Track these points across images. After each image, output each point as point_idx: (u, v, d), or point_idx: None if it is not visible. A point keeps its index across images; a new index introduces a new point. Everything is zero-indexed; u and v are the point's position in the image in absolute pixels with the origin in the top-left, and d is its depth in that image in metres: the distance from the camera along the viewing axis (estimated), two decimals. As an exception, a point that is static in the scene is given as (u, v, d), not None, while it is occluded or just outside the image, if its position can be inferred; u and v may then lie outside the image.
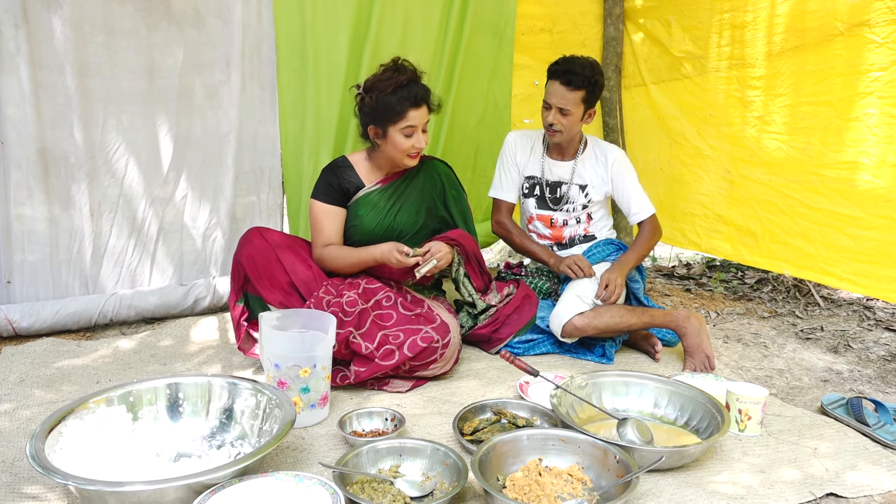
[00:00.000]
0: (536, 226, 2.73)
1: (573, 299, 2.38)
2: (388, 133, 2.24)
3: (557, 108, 2.49)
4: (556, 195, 2.67)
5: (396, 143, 2.25)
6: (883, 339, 2.76)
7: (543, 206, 2.69)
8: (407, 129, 2.22)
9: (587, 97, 2.49)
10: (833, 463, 1.74)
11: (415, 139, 2.24)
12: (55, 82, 2.48)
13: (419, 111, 2.22)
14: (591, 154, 2.64)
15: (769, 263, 2.99)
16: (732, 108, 3.02)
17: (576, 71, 2.45)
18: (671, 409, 1.93)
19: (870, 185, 2.51)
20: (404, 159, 2.28)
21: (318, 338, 1.90)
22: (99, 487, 1.36)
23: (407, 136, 2.23)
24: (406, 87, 2.21)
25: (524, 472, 1.59)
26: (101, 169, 2.62)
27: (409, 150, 2.25)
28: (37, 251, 2.55)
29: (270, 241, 2.25)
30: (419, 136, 2.25)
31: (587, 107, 2.52)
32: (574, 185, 2.64)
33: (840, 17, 2.54)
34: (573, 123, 2.51)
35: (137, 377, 2.15)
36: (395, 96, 2.19)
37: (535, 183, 2.70)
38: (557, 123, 2.50)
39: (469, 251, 2.36)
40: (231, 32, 2.73)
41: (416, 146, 2.25)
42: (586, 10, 3.53)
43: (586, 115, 2.54)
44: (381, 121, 2.24)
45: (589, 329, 2.33)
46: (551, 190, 2.67)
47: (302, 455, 1.73)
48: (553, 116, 2.50)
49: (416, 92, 2.21)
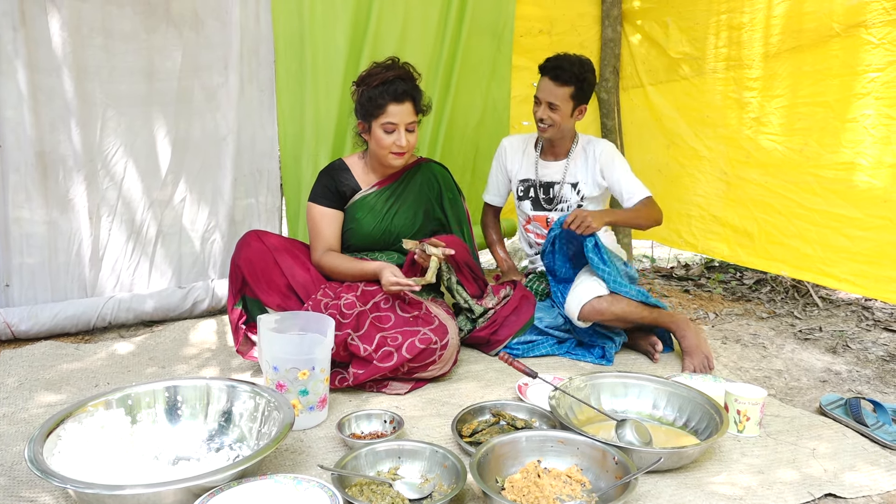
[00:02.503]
0: (534, 227, 2.74)
1: (592, 282, 2.34)
2: (372, 128, 2.25)
3: (546, 103, 2.53)
4: (549, 195, 2.69)
5: (378, 139, 2.25)
6: (881, 339, 2.77)
7: (538, 207, 2.71)
8: (387, 125, 2.21)
9: (576, 93, 2.51)
10: (832, 463, 1.74)
11: (395, 136, 2.22)
12: (53, 85, 2.48)
13: (401, 107, 2.21)
14: (581, 151, 2.67)
15: (766, 264, 3.00)
16: (729, 110, 3.03)
17: (564, 67, 2.50)
18: (670, 411, 1.93)
19: (867, 185, 2.52)
20: (387, 157, 2.27)
21: (317, 340, 1.89)
22: (97, 491, 1.36)
23: (387, 132, 2.22)
24: (391, 82, 2.21)
25: (523, 473, 1.59)
26: (100, 172, 2.62)
27: (389, 146, 2.24)
28: (35, 254, 2.55)
29: (268, 244, 2.25)
30: (400, 134, 2.22)
31: (577, 103, 2.54)
32: (566, 185, 2.66)
33: (836, 19, 2.55)
34: (562, 119, 2.54)
35: (136, 380, 2.15)
36: (378, 90, 2.21)
37: (529, 185, 2.73)
38: (547, 118, 2.54)
39: (459, 261, 2.35)
40: (229, 35, 2.73)
41: (397, 144, 2.23)
42: (584, 11, 3.54)
43: (576, 112, 2.57)
44: (366, 115, 2.25)
45: (607, 314, 2.30)
46: (545, 191, 2.69)
47: (300, 457, 1.73)
48: (542, 111, 2.55)
49: (400, 88, 2.21)
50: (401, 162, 2.30)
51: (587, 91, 2.55)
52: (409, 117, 2.24)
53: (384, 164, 2.31)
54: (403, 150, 2.26)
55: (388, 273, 2.16)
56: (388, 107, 2.20)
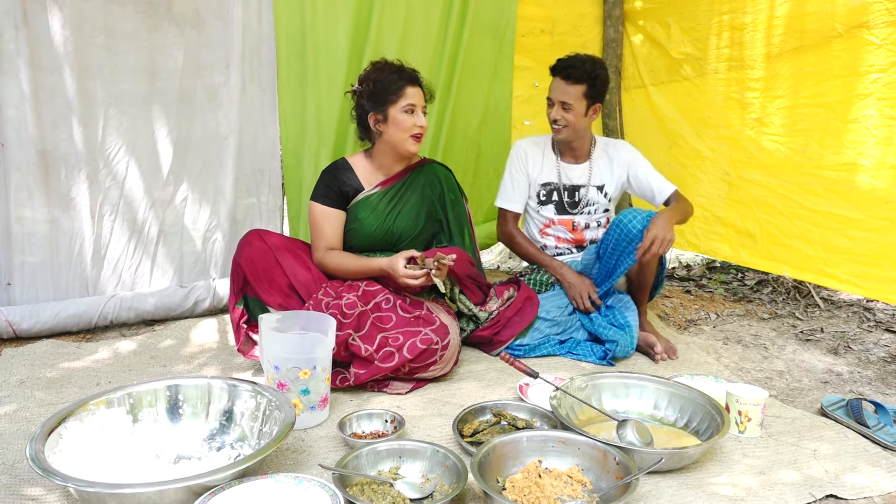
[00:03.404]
0: (557, 230, 2.72)
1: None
2: (389, 115, 2.25)
3: (559, 103, 2.52)
4: (574, 199, 2.67)
5: (399, 122, 2.25)
6: (883, 340, 2.76)
7: (563, 211, 2.70)
8: (407, 107, 2.24)
9: (589, 91, 2.50)
10: (833, 464, 1.74)
11: (416, 117, 2.25)
12: (55, 84, 2.48)
13: (416, 89, 2.26)
14: (603, 153, 2.66)
15: (768, 265, 2.99)
16: (731, 110, 3.03)
17: (575, 65, 2.49)
18: (671, 411, 1.93)
19: (869, 186, 2.51)
20: (407, 143, 2.27)
21: (318, 340, 1.90)
22: (99, 489, 1.36)
23: (407, 112, 2.24)
24: (400, 69, 2.28)
25: (524, 473, 1.59)
26: (102, 171, 2.62)
27: (411, 128, 2.25)
28: (37, 253, 2.56)
29: (269, 243, 2.25)
30: (420, 115, 2.26)
31: (590, 102, 2.53)
32: (592, 187, 2.65)
33: (839, 19, 2.54)
34: (577, 118, 2.53)
35: (137, 379, 2.15)
36: (390, 77, 2.25)
37: (552, 189, 2.69)
38: (561, 119, 2.53)
39: (461, 275, 2.34)
40: (231, 34, 2.73)
41: (419, 124, 2.25)
42: (586, 11, 3.54)
43: (590, 111, 2.55)
44: (381, 103, 2.25)
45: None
46: (569, 194, 2.67)
47: (302, 457, 1.73)
48: (556, 112, 2.53)
49: (410, 73, 2.27)
50: (417, 148, 2.31)
51: (600, 89, 2.54)
52: (423, 101, 2.29)
53: (402, 151, 2.30)
54: (423, 131, 2.28)
55: (400, 266, 2.13)
56: (406, 88, 2.24)
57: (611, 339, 2.40)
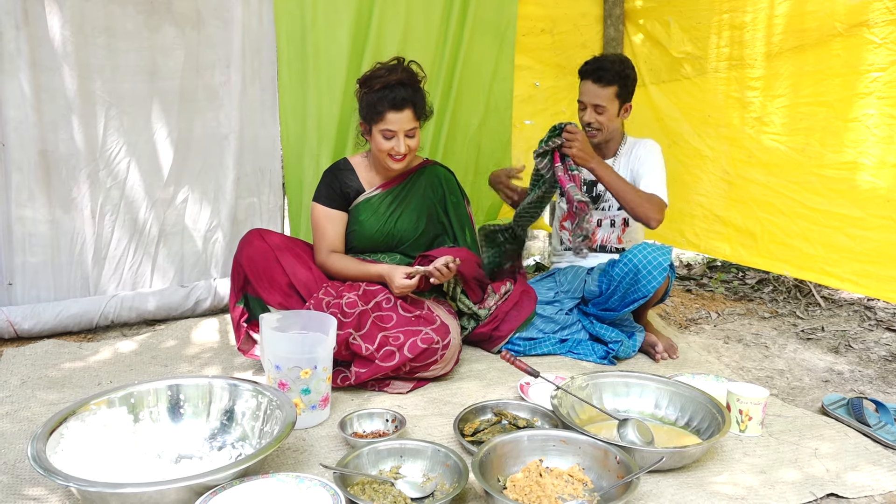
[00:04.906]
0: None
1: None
2: (372, 132, 2.25)
3: (592, 106, 2.52)
4: (592, 194, 2.68)
5: (377, 143, 2.25)
6: (884, 339, 2.76)
7: None
8: (385, 132, 2.21)
9: (620, 91, 2.52)
10: (834, 463, 1.74)
11: (393, 143, 2.21)
12: (56, 84, 2.48)
13: (399, 115, 2.19)
14: (627, 151, 2.66)
15: (769, 264, 2.99)
16: (731, 109, 3.02)
17: (605, 67, 2.49)
18: (672, 410, 1.93)
19: (869, 185, 2.51)
20: (386, 160, 2.27)
21: (319, 339, 1.90)
22: (100, 489, 1.37)
23: (386, 138, 2.22)
24: (391, 88, 2.19)
25: (525, 473, 1.59)
26: (102, 171, 2.62)
27: (387, 151, 2.24)
28: (38, 253, 2.56)
29: (270, 242, 2.25)
30: (399, 140, 2.21)
31: (622, 101, 2.54)
32: None
33: (839, 18, 2.54)
34: (609, 120, 2.54)
35: (138, 379, 2.15)
36: (377, 95, 2.20)
37: None
38: (595, 122, 2.53)
39: (468, 276, 2.35)
40: (231, 34, 2.73)
41: (395, 149, 2.22)
42: (586, 11, 3.54)
43: (622, 111, 2.56)
44: (367, 118, 2.26)
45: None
46: (588, 189, 2.67)
47: (303, 456, 1.73)
48: (589, 115, 2.53)
49: (399, 95, 2.18)
50: (400, 166, 2.29)
51: (630, 88, 2.55)
52: (409, 124, 2.22)
53: (384, 165, 2.31)
54: (402, 156, 2.25)
55: (398, 278, 2.16)
56: (386, 114, 2.19)
57: (614, 339, 2.40)
